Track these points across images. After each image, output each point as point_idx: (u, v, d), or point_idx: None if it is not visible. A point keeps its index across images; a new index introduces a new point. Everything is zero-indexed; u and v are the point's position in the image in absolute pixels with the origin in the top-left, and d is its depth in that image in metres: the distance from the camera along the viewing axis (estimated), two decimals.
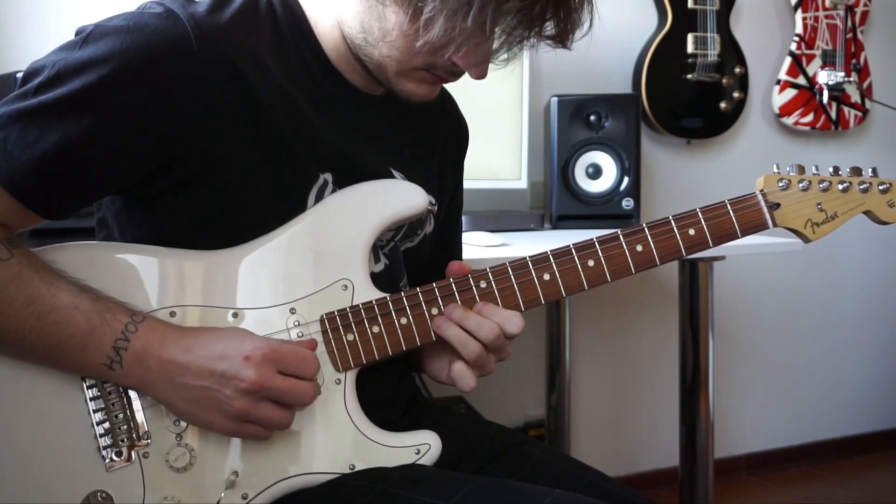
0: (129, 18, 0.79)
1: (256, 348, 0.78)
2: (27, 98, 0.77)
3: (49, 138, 0.76)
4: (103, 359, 0.77)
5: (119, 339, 0.77)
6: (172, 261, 0.85)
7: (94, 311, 0.77)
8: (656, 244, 0.91)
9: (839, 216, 0.94)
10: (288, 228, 0.86)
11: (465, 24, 0.77)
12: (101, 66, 0.76)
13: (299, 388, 0.80)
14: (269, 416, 0.79)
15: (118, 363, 0.78)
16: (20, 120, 0.76)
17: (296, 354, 0.81)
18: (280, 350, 0.80)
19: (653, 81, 2.23)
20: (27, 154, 0.76)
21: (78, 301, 0.77)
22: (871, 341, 2.76)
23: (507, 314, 0.87)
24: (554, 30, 0.81)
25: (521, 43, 0.81)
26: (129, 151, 0.80)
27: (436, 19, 0.77)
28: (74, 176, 0.79)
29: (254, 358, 0.77)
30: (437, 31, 0.78)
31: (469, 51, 0.82)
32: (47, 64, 0.78)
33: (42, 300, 0.76)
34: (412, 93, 0.89)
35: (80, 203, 0.82)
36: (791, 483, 2.52)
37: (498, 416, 2.04)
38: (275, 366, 0.79)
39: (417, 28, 0.79)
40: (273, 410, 0.79)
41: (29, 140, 0.75)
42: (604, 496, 0.91)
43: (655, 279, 2.39)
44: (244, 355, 0.77)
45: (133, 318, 0.79)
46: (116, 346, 0.77)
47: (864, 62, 2.49)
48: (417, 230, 1.01)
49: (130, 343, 0.78)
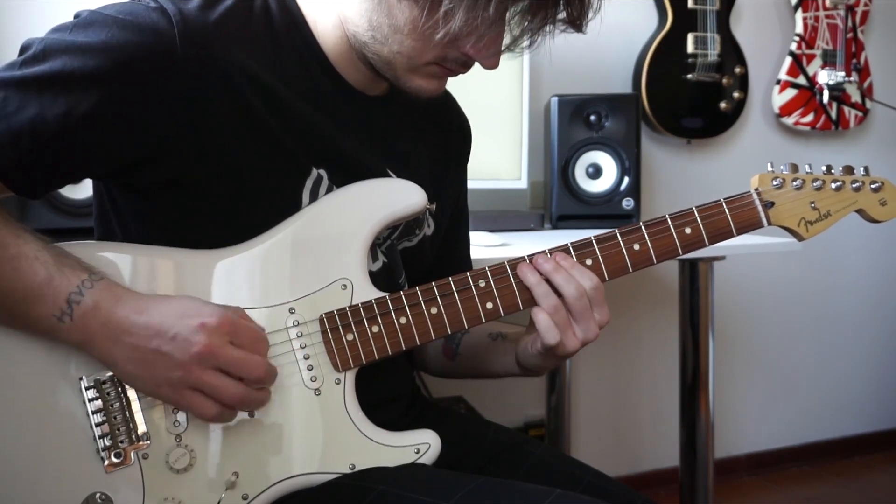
0: (122, 9, 0.80)
1: (212, 315, 0.77)
2: (14, 69, 0.79)
3: (27, 112, 0.77)
4: (55, 310, 0.77)
5: (73, 292, 0.77)
6: (170, 261, 0.85)
7: (54, 265, 0.77)
8: (653, 243, 0.91)
9: (832, 214, 0.95)
10: (285, 227, 0.86)
11: (487, 13, 0.77)
12: (83, 53, 0.77)
13: (251, 360, 0.78)
14: (218, 384, 0.77)
15: (68, 315, 0.77)
16: (4, 89, 0.77)
17: (251, 330, 0.80)
18: (236, 322, 0.79)
19: (653, 81, 2.23)
20: (4, 124, 0.77)
21: (40, 254, 0.77)
22: (871, 341, 2.76)
23: (584, 269, 0.88)
24: (567, 14, 0.82)
25: (538, 30, 0.82)
26: (103, 141, 0.80)
27: (455, 10, 0.77)
28: (46, 154, 0.79)
29: (208, 325, 0.76)
30: (458, 22, 0.78)
31: (488, 41, 0.82)
32: (38, 40, 0.79)
33: (6, 247, 0.76)
34: (421, 88, 0.88)
35: (51, 183, 0.83)
36: (791, 483, 2.52)
37: (498, 416, 2.03)
38: (228, 336, 0.78)
39: (436, 21, 0.79)
40: (221, 378, 0.77)
41: (8, 110, 0.77)
42: (604, 496, 0.91)
43: (655, 279, 2.39)
44: (199, 321, 0.76)
45: (91, 276, 0.78)
46: (70, 298, 0.77)
47: (865, 62, 2.49)
48: (415, 230, 1.01)
49: (84, 297, 0.77)
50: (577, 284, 0.87)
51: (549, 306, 0.87)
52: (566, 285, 0.87)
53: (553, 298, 0.87)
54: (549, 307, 0.87)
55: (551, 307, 0.87)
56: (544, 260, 0.88)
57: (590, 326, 0.88)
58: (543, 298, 0.87)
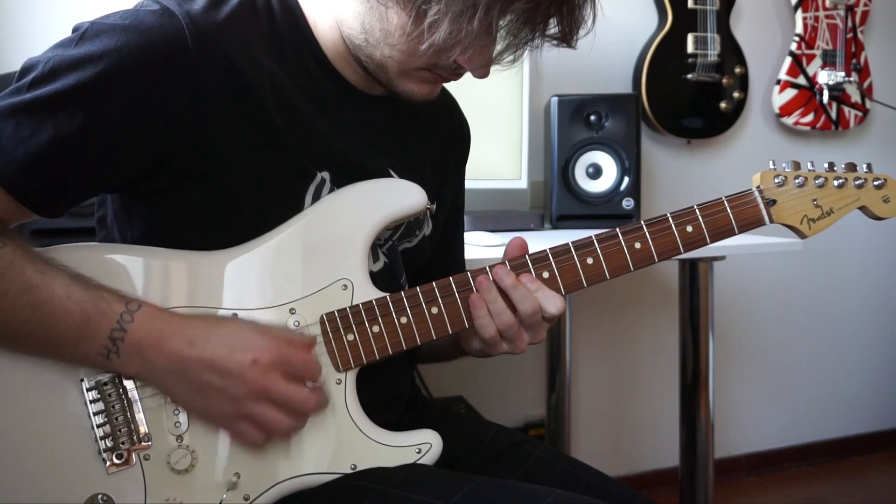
0: (126, 16, 0.79)
1: (264, 350, 0.78)
2: (21, 93, 0.77)
3: (43, 134, 0.75)
4: (100, 349, 0.77)
5: (115, 328, 0.77)
6: (170, 262, 0.85)
7: (88, 301, 0.77)
8: (654, 241, 0.91)
9: (835, 212, 0.94)
10: (286, 228, 0.86)
11: (471, 26, 0.76)
12: (95, 63, 0.76)
13: (302, 397, 0.80)
14: (269, 418, 0.79)
15: (115, 353, 0.77)
16: (14, 115, 0.76)
17: (302, 359, 0.81)
18: (287, 354, 0.80)
19: (653, 81, 2.23)
20: (21, 149, 0.75)
21: (72, 291, 0.77)
22: (871, 341, 2.76)
23: (550, 293, 0.88)
24: (558, 29, 0.81)
25: (526, 44, 0.81)
26: (122, 149, 0.79)
27: (440, 22, 0.77)
28: (67, 172, 0.78)
29: (261, 361, 0.77)
30: (442, 34, 0.77)
31: (474, 52, 0.82)
32: (42, 60, 0.78)
33: (36, 290, 0.76)
34: (413, 92, 0.89)
35: (73, 200, 0.82)
36: (791, 483, 2.52)
37: (498, 416, 2.04)
38: (281, 369, 0.79)
39: (422, 31, 0.78)
40: (276, 413, 0.79)
41: (23, 135, 0.75)
42: (604, 496, 0.91)
43: (655, 279, 2.39)
44: (252, 357, 0.77)
45: (128, 306, 0.78)
46: (113, 336, 0.77)
47: (865, 62, 2.49)
48: (416, 230, 1.01)
49: (127, 333, 0.77)
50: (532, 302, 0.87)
51: (502, 323, 0.87)
52: (522, 302, 0.87)
53: (508, 316, 0.87)
54: (501, 324, 0.87)
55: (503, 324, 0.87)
56: (504, 274, 0.88)
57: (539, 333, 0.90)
58: (497, 316, 0.87)
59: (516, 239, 0.92)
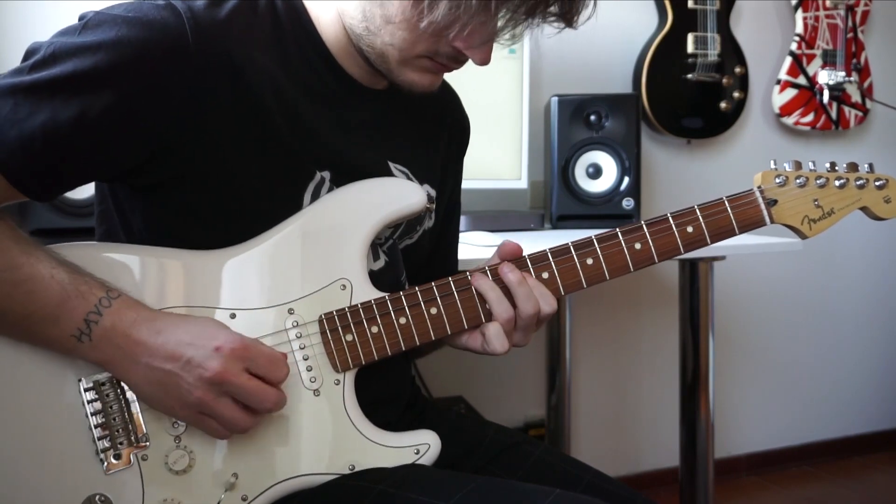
0: (130, 8, 0.79)
1: (228, 340, 0.77)
2: (21, 74, 0.78)
3: (38, 117, 0.76)
4: (73, 330, 0.77)
5: (91, 311, 0.77)
6: (167, 262, 0.85)
7: (69, 283, 0.77)
8: (654, 242, 0.91)
9: (836, 212, 0.94)
10: (285, 227, 0.86)
11: (470, 2, 0.77)
12: (95, 52, 0.76)
13: (262, 392, 0.78)
14: (228, 413, 0.78)
15: (87, 336, 0.77)
16: (13, 95, 0.77)
17: (268, 356, 0.80)
18: (252, 348, 0.79)
19: (653, 81, 2.23)
20: (16, 130, 0.76)
21: (55, 272, 0.77)
22: (871, 341, 2.76)
23: (545, 291, 0.89)
24: (559, 8, 0.81)
25: (525, 22, 0.81)
26: (115, 140, 0.80)
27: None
28: (58, 157, 0.79)
29: (223, 349, 0.76)
30: (442, 11, 0.78)
31: (473, 31, 0.81)
32: (45, 44, 0.79)
33: (19, 268, 0.76)
34: (414, 82, 0.88)
35: (64, 185, 0.83)
36: (791, 483, 2.52)
37: (498, 416, 2.04)
38: (243, 363, 0.78)
39: (421, 10, 0.79)
40: (233, 409, 0.78)
41: (20, 116, 0.76)
42: (604, 496, 0.91)
43: (655, 279, 2.39)
44: (215, 345, 0.77)
45: (108, 293, 0.78)
46: (88, 318, 0.77)
47: (865, 62, 2.49)
48: (416, 227, 1.01)
49: (102, 317, 0.77)
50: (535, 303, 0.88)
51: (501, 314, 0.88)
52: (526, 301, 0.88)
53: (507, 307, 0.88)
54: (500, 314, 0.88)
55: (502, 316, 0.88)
56: (509, 269, 0.89)
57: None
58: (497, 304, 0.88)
59: (508, 243, 0.92)
